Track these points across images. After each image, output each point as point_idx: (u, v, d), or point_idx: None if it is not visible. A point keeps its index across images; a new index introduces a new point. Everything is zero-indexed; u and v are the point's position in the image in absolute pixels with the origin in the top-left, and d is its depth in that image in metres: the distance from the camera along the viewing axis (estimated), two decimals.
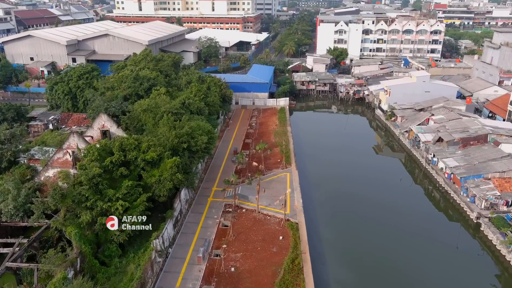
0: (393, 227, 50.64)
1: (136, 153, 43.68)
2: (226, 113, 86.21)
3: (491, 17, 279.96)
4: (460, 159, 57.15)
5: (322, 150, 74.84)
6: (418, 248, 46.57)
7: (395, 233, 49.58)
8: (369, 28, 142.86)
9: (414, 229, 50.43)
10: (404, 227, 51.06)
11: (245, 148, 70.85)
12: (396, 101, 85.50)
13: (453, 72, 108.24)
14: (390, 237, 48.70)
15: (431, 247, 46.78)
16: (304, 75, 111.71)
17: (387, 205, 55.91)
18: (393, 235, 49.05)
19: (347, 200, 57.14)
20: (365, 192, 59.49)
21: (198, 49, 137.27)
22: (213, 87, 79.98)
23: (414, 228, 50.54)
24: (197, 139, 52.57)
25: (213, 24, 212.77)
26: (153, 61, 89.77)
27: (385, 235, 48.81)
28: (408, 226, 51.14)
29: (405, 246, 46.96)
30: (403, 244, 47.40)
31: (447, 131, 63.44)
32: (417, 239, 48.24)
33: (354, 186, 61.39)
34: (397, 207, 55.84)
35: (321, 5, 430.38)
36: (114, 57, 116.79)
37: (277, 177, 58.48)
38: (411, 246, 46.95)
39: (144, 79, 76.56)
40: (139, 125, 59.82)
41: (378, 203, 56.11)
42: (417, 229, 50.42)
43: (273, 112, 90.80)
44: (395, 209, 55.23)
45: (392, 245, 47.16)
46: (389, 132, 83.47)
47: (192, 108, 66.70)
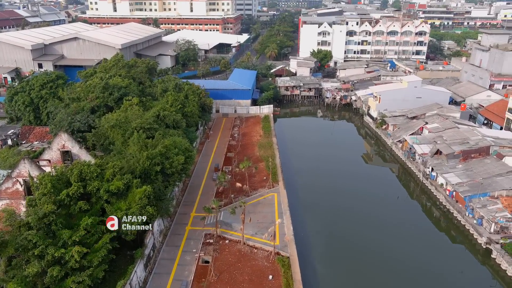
0: (395, 252, 45.55)
1: (99, 183, 37.01)
2: (206, 123, 79.84)
3: (470, 17, 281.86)
4: (462, 175, 52.45)
5: (310, 162, 69.40)
6: (422, 274, 41.86)
7: (398, 259, 44.47)
8: (353, 29, 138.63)
9: (417, 252, 45.58)
10: (407, 250, 46.04)
11: (227, 163, 64.69)
12: (387, 107, 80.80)
13: (442, 75, 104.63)
14: (392, 264, 43.64)
15: (434, 270, 42.27)
16: (288, 79, 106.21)
17: (385, 226, 50.78)
18: (395, 262, 44.01)
19: (341, 222, 51.68)
20: (359, 210, 54.22)
21: (175, 53, 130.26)
22: (191, 96, 73.49)
23: (416, 251, 45.69)
24: (172, 160, 46.21)
25: (191, 25, 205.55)
26: (126, 67, 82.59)
27: (386, 262, 43.74)
28: (411, 249, 46.19)
29: (409, 273, 42.05)
30: (406, 272, 42.45)
31: (445, 142, 58.79)
32: (419, 263, 43.56)
33: (346, 203, 56.01)
34: (396, 227, 50.81)
35: (301, 5, 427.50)
36: (84, 62, 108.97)
37: (264, 198, 52.53)
38: (415, 273, 42.13)
39: (114, 88, 69.47)
40: (106, 143, 53.00)
41: (374, 224, 50.91)
42: (419, 251, 45.63)
43: (256, 121, 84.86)
44: (394, 230, 50.22)
45: (394, 275, 41.99)
46: (380, 141, 78.67)
47: (168, 121, 60.16)
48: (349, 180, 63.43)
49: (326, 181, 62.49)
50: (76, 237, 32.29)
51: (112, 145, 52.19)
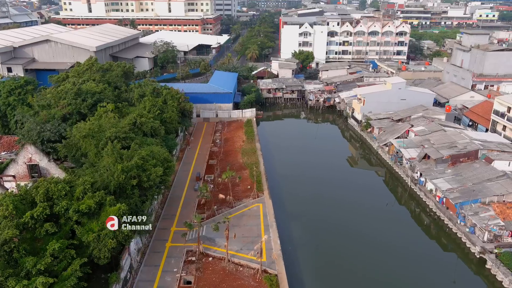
0: (385, 261, 43.76)
1: (67, 202, 33.65)
2: (187, 129, 76.63)
3: (446, 17, 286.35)
4: (452, 180, 51.04)
5: (295, 168, 67.15)
6: (413, 284, 40.64)
7: (388, 268, 42.62)
8: (334, 30, 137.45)
9: (407, 261, 44.12)
10: (397, 260, 44.40)
11: (210, 171, 61.82)
12: (371, 110, 79.37)
13: (424, 76, 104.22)
14: (382, 273, 41.82)
15: (426, 280, 40.99)
16: (270, 82, 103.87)
17: (374, 235, 48.76)
18: (386, 271, 42.20)
19: (329, 233, 49.46)
20: (346, 219, 52.14)
21: (154, 55, 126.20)
22: (170, 101, 70.19)
23: (406, 260, 44.25)
24: (150, 172, 43.10)
25: (170, 26, 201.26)
26: (100, 71, 78.59)
27: (376, 272, 41.88)
28: (401, 258, 44.60)
29: (400, 284, 40.30)
30: (397, 282, 40.88)
31: (433, 146, 57.41)
32: (410, 273, 42.30)
33: (334, 212, 53.90)
34: (385, 235, 48.92)
35: (280, 6, 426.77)
36: (57, 66, 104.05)
37: (249, 209, 49.90)
38: (406, 283, 40.75)
39: (88, 94, 65.61)
40: (78, 155, 49.40)
41: (363, 234, 48.89)
42: (409, 260, 44.19)
43: (239, 125, 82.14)
44: (383, 238, 48.23)
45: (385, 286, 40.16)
46: (365, 145, 77.11)
47: (145, 128, 56.82)
48: (335, 187, 61.53)
49: (311, 188, 60.30)
50: (41, 265, 28.92)
51: (85, 157, 48.78)
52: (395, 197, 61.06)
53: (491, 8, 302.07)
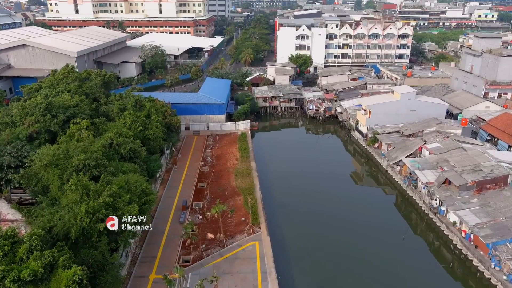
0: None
1: (5, 267, 25.85)
2: (174, 145, 68.84)
3: (445, 18, 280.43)
4: (480, 212, 43.75)
5: (295, 191, 59.55)
6: None
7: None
8: (333, 32, 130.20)
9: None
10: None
11: (198, 197, 54.12)
12: (378, 122, 72.07)
13: (431, 82, 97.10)
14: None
15: None
16: (266, 89, 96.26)
17: (389, 271, 41.78)
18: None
19: (337, 275, 42.12)
20: (357, 254, 45.01)
21: (141, 59, 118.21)
22: (154, 115, 62.48)
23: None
24: (122, 211, 35.48)
25: (161, 28, 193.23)
26: (77, 80, 70.71)
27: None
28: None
29: None
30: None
31: (454, 169, 50.06)
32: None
33: (341, 246, 46.70)
34: (402, 271, 42.06)
35: (275, 6, 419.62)
36: (35, 73, 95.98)
37: (242, 249, 42.25)
38: None
39: (60, 109, 57.81)
40: (39, 188, 41.54)
41: (377, 272, 41.81)
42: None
43: (232, 140, 74.48)
44: (400, 276, 41.24)
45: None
46: (372, 161, 69.73)
47: (123, 150, 49.05)
48: (341, 213, 54.13)
49: (315, 216, 52.83)
50: None
51: (47, 190, 40.98)
52: (409, 224, 53.69)
53: (490, 8, 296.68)
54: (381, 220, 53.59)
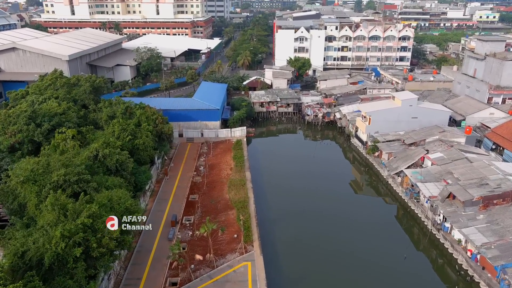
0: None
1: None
2: (166, 153, 66.21)
3: (446, 18, 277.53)
4: (487, 230, 41.11)
5: (292, 203, 56.81)
6: None
7: None
8: (332, 34, 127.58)
9: None
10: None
11: (189, 210, 51.47)
12: (378, 129, 69.45)
13: (433, 86, 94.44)
14: None
15: None
16: (263, 94, 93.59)
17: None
18: None
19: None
20: (357, 272, 42.44)
21: (136, 62, 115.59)
22: (144, 123, 59.86)
23: None
24: (102, 234, 32.97)
25: (158, 29, 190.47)
26: (65, 86, 68.09)
27: None
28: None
29: None
30: None
31: (459, 183, 47.40)
32: None
33: (340, 262, 44.35)
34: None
35: (275, 6, 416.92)
36: (26, 77, 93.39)
37: (234, 271, 39.58)
38: None
39: (45, 117, 55.19)
40: (15, 206, 38.93)
41: None
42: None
43: (227, 147, 71.84)
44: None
45: None
46: (372, 170, 67.09)
47: (109, 162, 46.53)
48: (340, 227, 51.63)
49: (311, 232, 50.12)
50: None
51: (24, 209, 38.40)
52: (411, 239, 51.00)
53: (491, 9, 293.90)
54: (382, 233, 51.09)
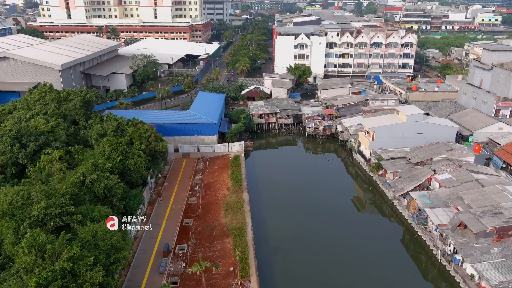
0: None
1: None
2: (159, 172, 63.18)
3: (447, 21, 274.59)
4: (502, 266, 38.15)
5: (291, 228, 53.90)
6: None
7: None
8: (333, 41, 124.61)
9: None
10: None
11: (183, 237, 48.49)
12: (382, 145, 66.47)
13: (437, 97, 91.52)
14: None
15: None
16: (262, 104, 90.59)
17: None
18: None
19: None
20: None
21: (132, 70, 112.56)
22: (136, 142, 56.93)
23: None
24: (84, 278, 30.07)
25: (156, 33, 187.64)
26: (55, 101, 65.11)
27: None
28: None
29: None
30: None
31: (470, 211, 44.39)
32: None
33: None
34: None
35: (275, 8, 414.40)
36: (17, 87, 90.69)
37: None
38: None
39: (31, 136, 52.23)
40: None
41: None
42: None
43: (224, 164, 68.83)
44: None
45: None
46: (376, 189, 64.06)
47: (97, 189, 43.58)
48: (343, 250, 49.22)
49: (312, 260, 47.27)
50: None
51: (0, 246, 35.38)
52: (418, 267, 48.07)
53: (494, 12, 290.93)
54: (387, 258, 48.47)
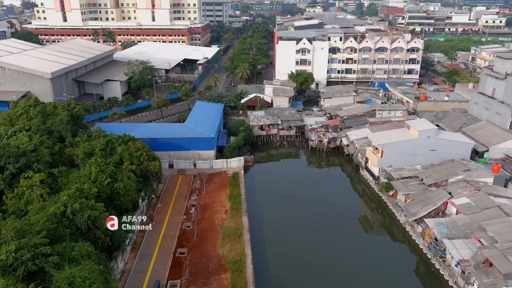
0: None
1: None
2: (152, 193, 58.58)
3: (451, 23, 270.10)
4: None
5: (294, 258, 49.37)
6: None
7: None
8: (336, 46, 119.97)
9: None
10: None
11: (176, 271, 43.92)
12: (391, 163, 61.96)
13: (447, 107, 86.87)
14: None
15: None
16: (263, 115, 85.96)
17: None
18: None
19: None
20: None
21: (128, 76, 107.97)
22: (126, 162, 52.34)
23: None
24: None
25: (154, 36, 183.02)
26: (40, 115, 60.49)
27: None
28: None
29: None
30: None
31: (496, 246, 39.82)
32: None
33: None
34: None
35: (275, 9, 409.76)
36: (5, 97, 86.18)
37: None
38: None
39: (10, 158, 47.63)
40: None
41: None
42: None
43: (222, 182, 64.27)
44: None
45: None
46: (385, 210, 59.50)
47: (79, 220, 38.95)
48: (351, 283, 44.44)
49: None
50: None
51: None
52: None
53: (498, 13, 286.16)
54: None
